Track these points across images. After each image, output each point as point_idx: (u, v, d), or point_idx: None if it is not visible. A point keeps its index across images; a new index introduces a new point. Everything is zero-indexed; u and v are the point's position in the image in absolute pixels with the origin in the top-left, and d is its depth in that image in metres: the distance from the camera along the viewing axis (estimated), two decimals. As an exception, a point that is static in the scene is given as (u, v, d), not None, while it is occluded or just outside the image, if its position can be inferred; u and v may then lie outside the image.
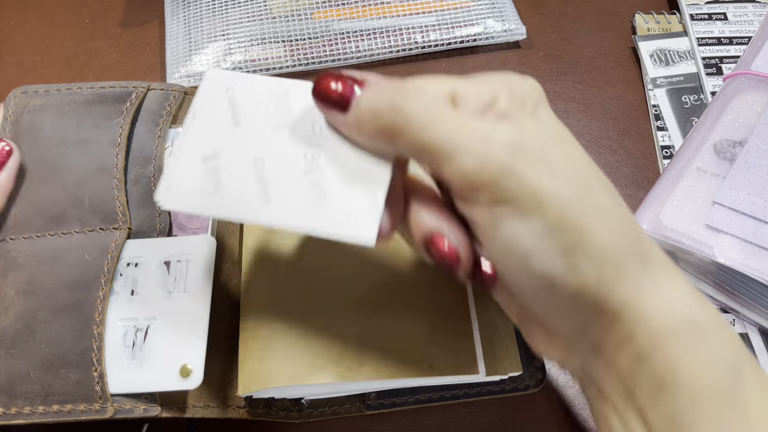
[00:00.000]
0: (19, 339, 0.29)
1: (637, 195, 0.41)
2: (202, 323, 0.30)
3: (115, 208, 0.32)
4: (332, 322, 0.30)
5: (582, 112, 0.45)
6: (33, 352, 0.29)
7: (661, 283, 0.22)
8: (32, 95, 0.35)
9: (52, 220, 0.32)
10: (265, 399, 0.32)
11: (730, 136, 0.36)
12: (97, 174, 0.33)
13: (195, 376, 0.29)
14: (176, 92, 0.37)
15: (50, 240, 0.31)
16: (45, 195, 0.33)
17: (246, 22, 0.48)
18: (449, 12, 0.48)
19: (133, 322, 0.30)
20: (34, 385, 0.28)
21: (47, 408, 0.28)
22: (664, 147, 0.42)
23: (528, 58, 0.48)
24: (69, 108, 0.35)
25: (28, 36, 0.50)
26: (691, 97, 0.44)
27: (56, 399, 0.28)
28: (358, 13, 0.48)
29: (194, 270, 0.31)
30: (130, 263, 0.31)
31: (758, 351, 0.35)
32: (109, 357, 0.29)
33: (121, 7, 0.51)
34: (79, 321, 0.29)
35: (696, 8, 0.47)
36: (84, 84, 0.36)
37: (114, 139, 0.34)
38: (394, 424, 0.34)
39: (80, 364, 0.28)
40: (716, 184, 0.35)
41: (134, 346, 0.29)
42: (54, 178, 0.33)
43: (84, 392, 0.28)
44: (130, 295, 0.31)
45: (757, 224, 0.33)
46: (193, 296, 0.30)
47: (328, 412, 0.33)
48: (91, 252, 0.31)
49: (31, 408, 0.28)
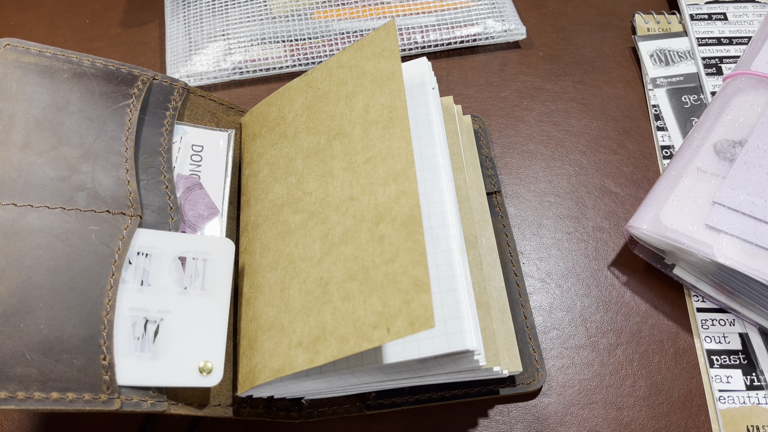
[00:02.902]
0: (12, 315, 0.26)
1: (637, 195, 0.41)
2: (223, 322, 0.30)
3: (126, 194, 0.32)
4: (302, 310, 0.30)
5: (582, 112, 0.45)
6: (30, 332, 0.26)
7: None
8: (22, 51, 0.33)
9: (53, 191, 0.30)
10: (265, 399, 0.32)
11: (730, 136, 0.36)
12: (104, 154, 0.32)
13: (215, 373, 0.29)
14: (179, 88, 0.37)
15: (50, 212, 0.29)
16: (44, 162, 0.31)
17: (246, 22, 0.48)
18: (449, 12, 0.48)
19: (144, 313, 0.29)
20: (30, 368, 0.25)
21: (45, 395, 0.25)
22: (664, 147, 0.42)
23: (528, 58, 0.48)
24: (68, 76, 0.33)
25: (28, 36, 0.50)
26: (691, 97, 0.44)
27: (56, 386, 0.25)
28: (358, 13, 0.48)
29: (213, 269, 0.31)
30: (141, 252, 0.31)
31: (758, 351, 0.35)
32: (118, 346, 0.28)
33: (121, 7, 0.51)
34: (85, 305, 0.27)
35: (696, 8, 0.47)
36: (83, 55, 0.34)
37: (122, 122, 0.33)
38: (394, 424, 0.34)
39: (86, 351, 0.26)
40: (716, 184, 0.35)
41: (144, 338, 0.29)
42: (53, 146, 0.31)
43: (90, 380, 0.26)
44: (140, 285, 0.30)
45: (757, 224, 0.33)
46: (212, 295, 0.31)
47: (328, 412, 0.33)
48: (99, 234, 0.30)
49: (25, 393, 0.25)
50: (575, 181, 0.42)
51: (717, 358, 0.35)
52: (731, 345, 0.35)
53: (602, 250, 0.39)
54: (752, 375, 0.34)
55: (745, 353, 0.35)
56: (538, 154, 0.43)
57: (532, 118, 0.45)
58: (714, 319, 0.36)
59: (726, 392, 0.34)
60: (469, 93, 0.46)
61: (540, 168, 0.42)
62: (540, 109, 0.45)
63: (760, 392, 0.34)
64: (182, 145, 0.35)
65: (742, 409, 0.33)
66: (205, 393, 0.31)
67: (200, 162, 0.36)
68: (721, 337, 0.35)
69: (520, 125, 0.44)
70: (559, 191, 0.42)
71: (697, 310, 0.36)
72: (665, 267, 0.37)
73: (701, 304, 0.36)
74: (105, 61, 0.34)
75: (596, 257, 0.39)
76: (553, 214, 0.41)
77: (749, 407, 0.33)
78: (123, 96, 0.34)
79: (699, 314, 0.36)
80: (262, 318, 0.31)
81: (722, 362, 0.35)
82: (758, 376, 0.34)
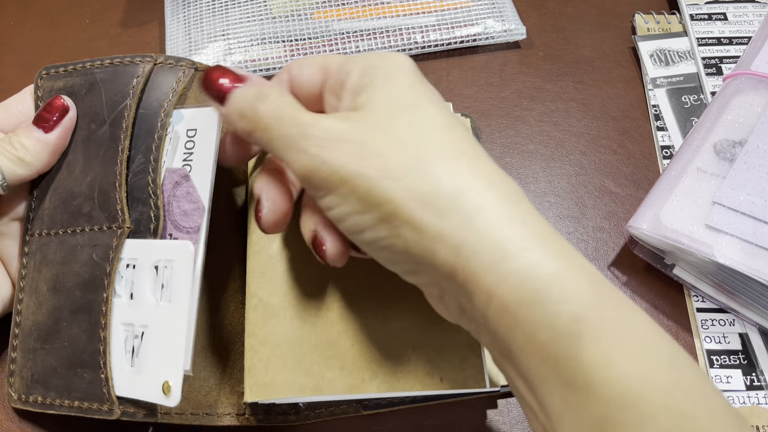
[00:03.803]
0: (50, 335, 0.30)
1: (637, 195, 0.41)
2: (181, 341, 0.28)
3: (116, 205, 0.31)
4: (343, 334, 0.30)
5: (582, 112, 0.45)
6: (59, 349, 0.30)
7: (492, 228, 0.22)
8: (55, 76, 0.34)
9: (71, 215, 0.31)
10: (266, 405, 0.32)
11: (730, 136, 0.36)
12: (104, 165, 0.32)
13: (174, 394, 0.27)
14: (185, 68, 0.33)
15: (70, 237, 0.31)
16: (70, 187, 0.32)
17: (246, 22, 0.48)
18: (449, 12, 0.48)
19: (131, 327, 0.29)
20: (60, 380, 0.30)
21: (71, 403, 0.29)
22: (664, 147, 0.42)
23: (528, 58, 0.48)
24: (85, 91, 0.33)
25: (28, 36, 0.50)
26: (691, 97, 0.44)
27: (76, 396, 0.29)
28: (358, 13, 0.48)
29: (176, 278, 0.29)
30: (129, 264, 0.30)
31: (758, 351, 0.35)
32: (115, 361, 0.29)
33: (121, 7, 0.51)
34: (90, 322, 0.30)
35: (696, 8, 0.47)
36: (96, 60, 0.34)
37: (119, 125, 0.32)
38: (393, 424, 0.34)
39: (92, 365, 0.29)
40: (716, 184, 0.34)
41: (134, 352, 0.29)
42: (77, 168, 0.32)
43: (95, 392, 0.29)
44: (129, 298, 0.30)
45: (757, 224, 0.33)
46: (174, 308, 0.29)
47: (325, 414, 0.33)
48: (97, 252, 0.30)
49: (60, 401, 0.30)
50: (575, 181, 0.42)
51: (717, 358, 0.35)
52: (731, 345, 0.35)
53: (602, 250, 0.39)
54: (752, 375, 0.34)
55: (745, 353, 0.35)
56: (537, 154, 0.43)
57: (532, 118, 0.45)
58: (714, 319, 0.36)
59: (726, 392, 0.34)
60: (469, 93, 0.46)
61: (540, 168, 0.42)
62: (540, 109, 0.45)
63: (760, 392, 0.33)
64: (173, 135, 0.32)
65: (742, 409, 0.33)
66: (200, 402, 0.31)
67: (193, 149, 0.32)
68: (721, 337, 0.35)
69: (520, 125, 0.44)
70: (559, 191, 0.41)
71: (697, 310, 0.36)
72: (665, 267, 0.37)
73: (701, 304, 0.36)
74: (111, 59, 0.34)
75: (596, 257, 0.39)
76: (553, 214, 0.41)
77: (749, 407, 0.33)
78: (122, 96, 0.33)
79: (699, 314, 0.36)
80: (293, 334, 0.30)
81: (722, 362, 0.35)
82: (758, 376, 0.34)
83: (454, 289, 0.23)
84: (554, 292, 0.21)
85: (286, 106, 0.25)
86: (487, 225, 0.22)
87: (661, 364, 0.20)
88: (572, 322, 0.20)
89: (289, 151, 0.25)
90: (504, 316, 0.22)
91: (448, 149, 0.24)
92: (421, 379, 0.30)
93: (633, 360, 0.20)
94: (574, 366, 0.20)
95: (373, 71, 0.25)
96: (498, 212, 0.22)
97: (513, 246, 0.22)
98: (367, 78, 0.25)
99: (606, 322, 0.21)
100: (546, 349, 0.21)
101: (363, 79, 0.25)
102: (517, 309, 0.21)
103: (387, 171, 0.23)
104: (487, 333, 0.23)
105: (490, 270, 0.22)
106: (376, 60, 0.26)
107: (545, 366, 0.21)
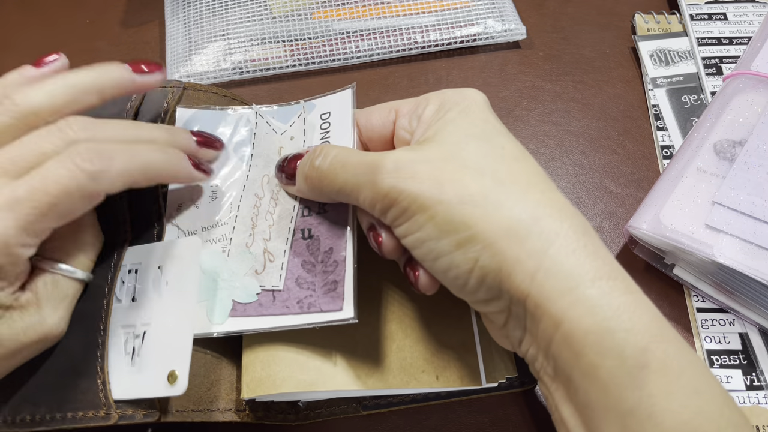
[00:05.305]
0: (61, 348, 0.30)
1: (637, 195, 0.41)
2: (188, 327, 0.29)
3: (117, 214, 0.32)
4: (340, 331, 0.30)
5: (582, 112, 0.45)
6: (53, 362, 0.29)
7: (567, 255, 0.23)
8: None
9: None
10: (265, 402, 0.32)
11: (730, 136, 0.36)
12: None
13: (180, 382, 0.28)
14: (174, 89, 0.36)
15: None
16: None
17: (246, 22, 0.48)
18: (449, 12, 0.48)
19: (132, 328, 0.30)
20: (52, 394, 0.29)
21: (63, 415, 0.29)
22: (664, 147, 0.42)
23: (528, 58, 0.48)
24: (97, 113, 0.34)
25: (28, 36, 0.50)
26: (691, 97, 0.44)
27: (69, 407, 0.29)
28: (358, 13, 0.48)
29: (184, 272, 0.30)
30: (131, 270, 0.31)
31: (758, 351, 0.35)
32: (113, 364, 0.29)
33: (121, 7, 0.51)
34: (86, 330, 0.30)
35: (696, 8, 0.47)
36: None
37: None
38: (393, 424, 0.34)
39: (87, 373, 0.29)
40: (716, 184, 0.34)
41: (134, 352, 0.29)
42: None
43: (91, 399, 0.29)
44: (131, 302, 0.30)
45: (757, 224, 0.33)
46: (181, 299, 0.30)
47: (325, 414, 0.33)
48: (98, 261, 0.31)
49: (50, 415, 0.29)
50: (575, 181, 0.42)
51: (717, 358, 0.35)
52: (731, 345, 0.35)
53: (602, 250, 0.39)
54: (752, 375, 0.34)
55: (745, 353, 0.35)
56: (538, 154, 0.43)
57: (532, 118, 0.45)
58: (714, 319, 0.36)
59: (726, 392, 0.34)
60: (469, 93, 0.46)
61: (540, 168, 0.42)
62: (540, 109, 0.45)
63: (760, 392, 0.33)
64: (307, 126, 0.33)
65: (742, 409, 0.33)
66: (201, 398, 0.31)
67: (329, 129, 0.33)
68: (721, 337, 0.35)
69: (520, 125, 0.44)
70: (558, 191, 0.41)
71: (697, 310, 0.36)
72: (665, 267, 0.37)
73: (701, 304, 0.36)
74: None
75: (596, 257, 0.39)
76: (553, 214, 0.41)
77: (749, 407, 0.33)
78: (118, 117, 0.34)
79: (699, 314, 0.36)
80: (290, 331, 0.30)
81: (722, 362, 0.35)
82: (758, 376, 0.34)
83: (522, 314, 0.24)
84: (623, 322, 0.22)
85: (346, 152, 0.27)
86: (563, 252, 0.23)
87: (715, 400, 0.21)
88: (639, 353, 0.21)
89: (362, 189, 0.26)
90: (571, 341, 0.22)
91: (522, 178, 0.24)
92: (417, 377, 0.30)
93: (691, 393, 0.21)
94: (639, 395, 0.21)
95: (450, 104, 0.27)
96: (572, 241, 0.23)
97: (586, 275, 0.22)
98: (443, 111, 0.27)
99: (669, 355, 0.22)
100: (610, 376, 0.21)
101: (440, 111, 0.27)
102: (586, 335, 0.22)
103: (466, 196, 0.24)
104: (547, 358, 0.24)
105: (563, 296, 0.22)
106: (454, 95, 0.28)
107: (606, 393, 0.22)
